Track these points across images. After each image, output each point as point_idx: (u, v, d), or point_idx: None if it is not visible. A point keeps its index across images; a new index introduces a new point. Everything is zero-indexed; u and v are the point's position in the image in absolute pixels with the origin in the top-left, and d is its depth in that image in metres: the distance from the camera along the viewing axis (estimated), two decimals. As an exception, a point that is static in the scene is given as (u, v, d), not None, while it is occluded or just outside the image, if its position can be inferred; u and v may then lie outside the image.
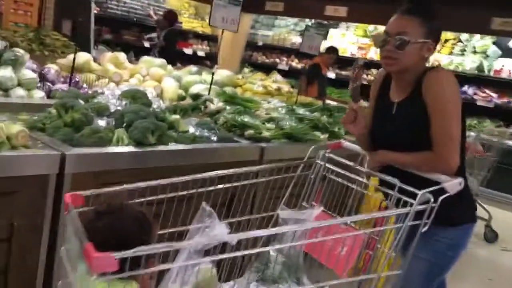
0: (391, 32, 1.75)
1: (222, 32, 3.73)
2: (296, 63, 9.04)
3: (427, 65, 1.86)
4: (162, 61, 4.11)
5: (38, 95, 2.99)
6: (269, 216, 1.77)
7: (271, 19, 9.91)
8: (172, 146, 2.33)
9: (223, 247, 1.25)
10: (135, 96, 2.48)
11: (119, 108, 2.39)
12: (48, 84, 3.30)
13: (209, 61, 9.15)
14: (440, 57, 7.40)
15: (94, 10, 7.24)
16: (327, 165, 1.80)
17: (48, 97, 3.10)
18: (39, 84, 3.18)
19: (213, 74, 3.73)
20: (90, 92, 2.95)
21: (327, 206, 1.80)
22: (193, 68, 4.35)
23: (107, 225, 1.21)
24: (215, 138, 2.60)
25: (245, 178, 1.75)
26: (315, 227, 1.46)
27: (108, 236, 1.16)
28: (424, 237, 1.86)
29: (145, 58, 4.19)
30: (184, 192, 1.60)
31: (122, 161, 2.13)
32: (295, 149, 2.85)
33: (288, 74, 7.92)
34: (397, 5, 1.77)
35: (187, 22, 8.98)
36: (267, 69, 7.57)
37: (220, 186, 1.70)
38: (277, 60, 9.22)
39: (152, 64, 4.03)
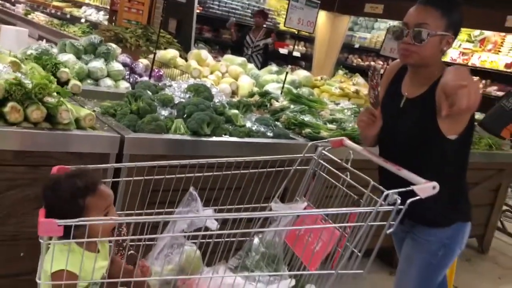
0: (409, 23, 1.69)
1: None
2: (393, 67, 8.82)
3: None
4: (242, 59, 4.32)
5: (124, 85, 3.36)
6: (262, 207, 1.86)
7: (371, 22, 9.74)
8: (225, 138, 2.51)
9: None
10: (199, 90, 2.70)
11: (182, 100, 2.62)
12: (136, 76, 3.67)
13: (304, 61, 9.27)
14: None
15: (197, 10, 7.74)
16: (320, 161, 1.84)
17: (133, 88, 3.46)
18: (127, 76, 3.56)
19: (286, 73, 3.85)
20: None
21: (318, 203, 1.84)
22: (274, 67, 4.50)
23: (54, 193, 1.35)
24: (271, 134, 2.73)
25: (240, 168, 1.84)
26: (292, 218, 1.53)
27: (56, 203, 1.32)
28: (415, 239, 1.85)
29: (227, 56, 4.44)
30: (171, 176, 1.75)
31: (176, 148, 2.35)
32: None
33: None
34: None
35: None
36: (363, 71, 7.47)
37: (209, 174, 1.82)
38: (373, 63, 9.05)
39: (233, 62, 4.26)
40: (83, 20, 9.45)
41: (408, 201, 1.39)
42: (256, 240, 1.90)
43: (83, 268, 1.32)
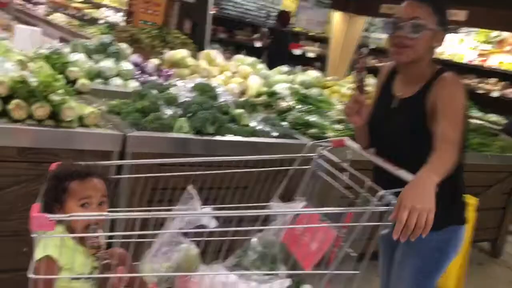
0: (404, 17, 1.66)
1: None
2: (409, 68, 8.72)
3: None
4: (253, 59, 4.32)
5: (133, 84, 3.38)
6: (261, 206, 1.85)
7: (388, 22, 9.62)
8: (229, 137, 2.51)
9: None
10: (204, 89, 2.71)
11: (188, 99, 2.63)
12: (146, 75, 3.71)
13: (319, 62, 9.24)
14: None
15: (211, 10, 7.78)
16: (319, 161, 1.82)
17: (142, 87, 3.49)
18: (137, 75, 3.60)
19: (295, 74, 3.84)
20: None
21: (316, 203, 1.82)
22: (284, 68, 4.49)
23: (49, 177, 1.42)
24: (275, 134, 2.73)
25: (240, 167, 1.84)
26: (290, 217, 1.52)
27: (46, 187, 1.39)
28: (408, 242, 1.81)
29: (237, 56, 4.45)
30: (170, 174, 1.76)
31: (179, 146, 2.36)
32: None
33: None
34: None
35: (300, 23, 9.15)
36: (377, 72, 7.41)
37: (208, 172, 1.83)
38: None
39: (243, 62, 4.27)
40: (102, 21, 9.58)
41: None
42: (254, 240, 1.91)
43: (72, 261, 1.33)
